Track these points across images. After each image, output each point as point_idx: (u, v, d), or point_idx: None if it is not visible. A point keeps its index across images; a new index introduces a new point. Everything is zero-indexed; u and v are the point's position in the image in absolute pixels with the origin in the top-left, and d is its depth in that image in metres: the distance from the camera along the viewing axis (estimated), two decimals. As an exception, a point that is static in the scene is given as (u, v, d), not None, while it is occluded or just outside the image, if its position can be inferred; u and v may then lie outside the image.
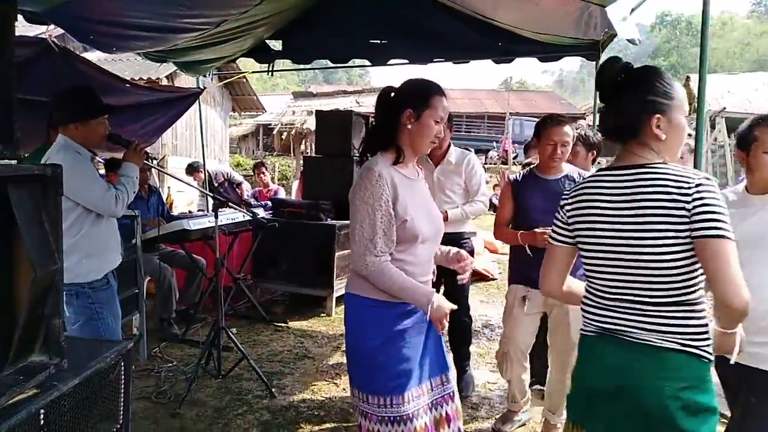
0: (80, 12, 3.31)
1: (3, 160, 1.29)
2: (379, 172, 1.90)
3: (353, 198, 1.95)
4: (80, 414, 1.54)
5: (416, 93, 1.98)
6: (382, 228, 1.89)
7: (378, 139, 2.04)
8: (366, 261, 1.89)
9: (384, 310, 1.95)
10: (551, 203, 2.75)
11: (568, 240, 1.70)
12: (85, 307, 2.52)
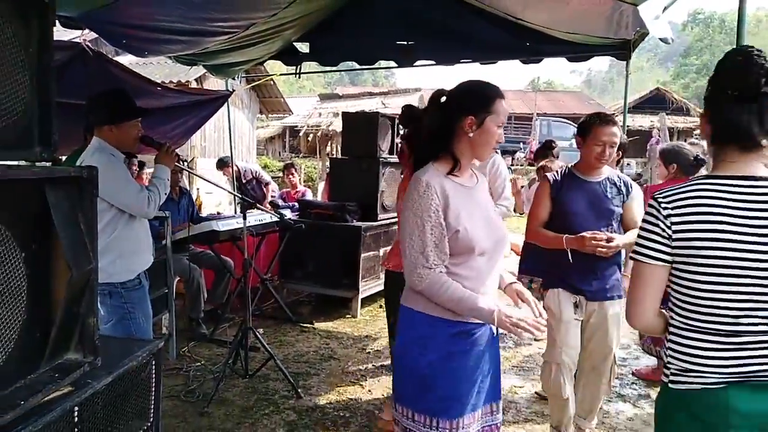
0: (114, 17, 3.39)
1: (41, 162, 1.32)
2: (427, 182, 1.79)
3: (403, 210, 1.87)
4: (113, 411, 1.56)
5: (477, 98, 1.84)
6: (433, 240, 1.78)
7: (431, 147, 1.90)
8: (419, 274, 1.79)
9: (440, 327, 1.83)
10: (594, 207, 2.67)
11: (668, 258, 1.40)
12: (118, 307, 2.57)
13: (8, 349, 1.22)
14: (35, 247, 1.28)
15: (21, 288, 1.22)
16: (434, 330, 1.83)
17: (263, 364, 3.66)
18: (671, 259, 1.40)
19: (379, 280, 5.39)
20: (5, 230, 1.16)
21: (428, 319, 1.84)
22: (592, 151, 2.64)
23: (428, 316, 1.84)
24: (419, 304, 1.86)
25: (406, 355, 1.90)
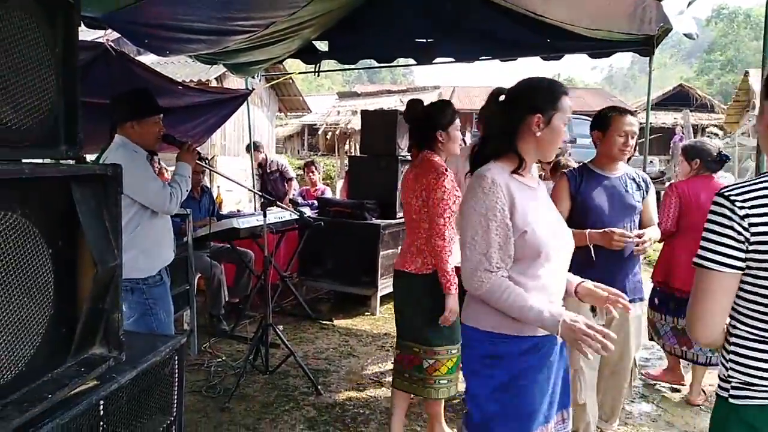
0: (136, 17, 3.43)
1: (67, 160, 1.34)
2: (492, 179, 1.69)
3: (463, 208, 1.77)
4: (137, 406, 1.59)
5: (545, 95, 1.76)
6: (498, 240, 1.68)
7: (493, 146, 1.81)
8: (480, 277, 1.68)
9: (508, 346, 1.72)
10: (616, 202, 2.63)
11: (741, 264, 1.25)
12: (140, 303, 2.61)
13: (36, 344, 1.24)
14: (61, 244, 1.30)
15: (48, 284, 1.25)
16: (503, 348, 1.73)
17: (283, 361, 3.69)
18: (744, 265, 1.25)
19: (398, 277, 5.38)
20: (33, 227, 1.18)
21: (495, 338, 1.73)
22: (615, 143, 2.58)
23: (496, 335, 1.73)
24: (483, 322, 1.76)
25: (475, 378, 1.80)
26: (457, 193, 2.61)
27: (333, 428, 3.06)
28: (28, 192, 1.18)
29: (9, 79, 1.14)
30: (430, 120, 2.69)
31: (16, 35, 1.15)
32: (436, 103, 2.83)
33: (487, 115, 1.86)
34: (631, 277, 2.66)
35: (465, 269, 1.73)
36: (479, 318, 1.76)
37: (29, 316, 1.20)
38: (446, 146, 2.70)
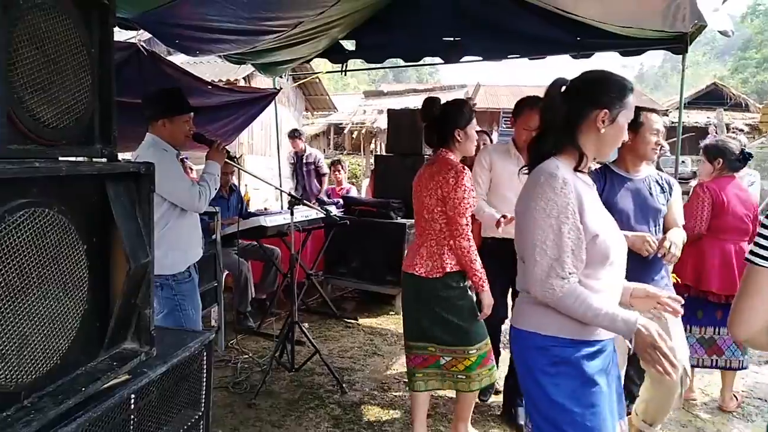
0: (167, 17, 3.48)
1: (102, 158, 1.37)
2: (564, 178, 1.59)
3: (528, 209, 1.63)
4: (166, 400, 1.61)
5: (614, 89, 1.66)
6: (571, 245, 1.57)
7: (553, 141, 1.70)
8: (552, 285, 1.56)
9: (572, 350, 1.62)
10: (641, 205, 2.58)
11: None
12: (169, 299, 2.65)
13: (70, 338, 1.27)
14: (96, 240, 1.33)
15: (83, 279, 1.28)
16: (567, 355, 1.62)
17: (308, 359, 3.71)
18: None
19: (423, 277, 5.37)
20: (69, 224, 1.21)
21: (562, 342, 1.62)
22: (648, 142, 2.54)
23: (558, 339, 1.62)
24: (546, 326, 1.64)
25: (539, 388, 1.66)
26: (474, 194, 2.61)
27: (358, 427, 3.07)
28: (64, 189, 1.21)
29: (47, 80, 1.18)
30: (448, 118, 2.65)
31: (54, 36, 1.18)
32: (455, 101, 2.78)
33: (546, 107, 1.74)
34: (661, 279, 2.60)
35: (534, 275, 1.60)
36: (541, 322, 1.65)
37: (65, 311, 1.23)
38: (463, 145, 2.67)
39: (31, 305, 1.12)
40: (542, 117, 1.77)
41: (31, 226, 1.10)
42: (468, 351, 2.64)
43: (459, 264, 2.60)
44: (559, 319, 1.63)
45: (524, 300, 1.74)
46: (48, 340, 1.19)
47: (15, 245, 1.06)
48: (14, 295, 1.08)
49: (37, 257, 1.12)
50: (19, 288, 1.09)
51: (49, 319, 1.18)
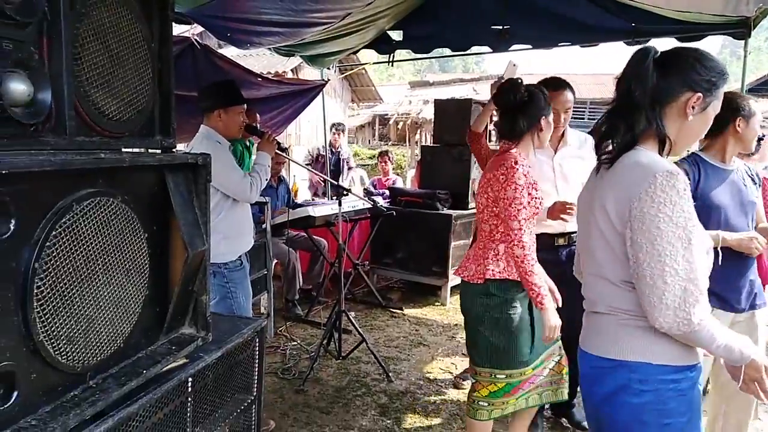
0: (219, 11, 3.56)
1: (162, 149, 1.41)
2: (684, 176, 1.33)
3: (647, 217, 1.32)
4: (221, 384, 1.66)
5: (712, 73, 1.41)
6: (699, 259, 1.32)
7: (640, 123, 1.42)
8: (688, 314, 1.28)
9: (686, 380, 1.40)
10: (738, 199, 2.32)
11: None
12: (221, 286, 2.72)
13: (132, 322, 1.33)
14: (156, 228, 1.38)
15: (144, 266, 1.33)
16: (684, 383, 1.40)
17: (355, 347, 3.76)
18: None
19: (469, 268, 5.34)
20: (131, 212, 1.26)
21: (673, 372, 1.39)
22: (756, 132, 2.29)
23: (672, 368, 1.38)
24: (661, 354, 1.38)
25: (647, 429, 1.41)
26: (537, 193, 2.25)
27: (404, 416, 3.09)
28: (127, 179, 1.26)
29: (111, 74, 1.22)
30: (535, 104, 2.29)
31: (117, 31, 1.22)
32: (537, 85, 2.43)
33: (636, 77, 1.43)
34: (754, 280, 2.39)
35: (663, 302, 1.30)
36: (653, 349, 1.38)
37: (127, 296, 1.28)
38: (544, 135, 2.35)
39: (96, 290, 1.18)
40: (625, 91, 1.45)
41: (97, 214, 1.14)
42: (496, 375, 2.33)
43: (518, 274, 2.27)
44: (668, 342, 1.38)
45: (619, 323, 1.44)
46: (112, 324, 1.24)
47: (82, 233, 1.11)
48: (81, 280, 1.13)
49: (102, 244, 1.17)
50: (86, 274, 1.14)
51: (113, 303, 1.23)
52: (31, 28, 1.03)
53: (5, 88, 0.95)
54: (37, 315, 1.03)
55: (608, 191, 1.44)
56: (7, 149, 0.98)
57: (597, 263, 1.49)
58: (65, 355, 1.12)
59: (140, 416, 1.25)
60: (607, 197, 1.43)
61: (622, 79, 1.47)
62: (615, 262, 1.44)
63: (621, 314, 1.44)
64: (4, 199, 0.95)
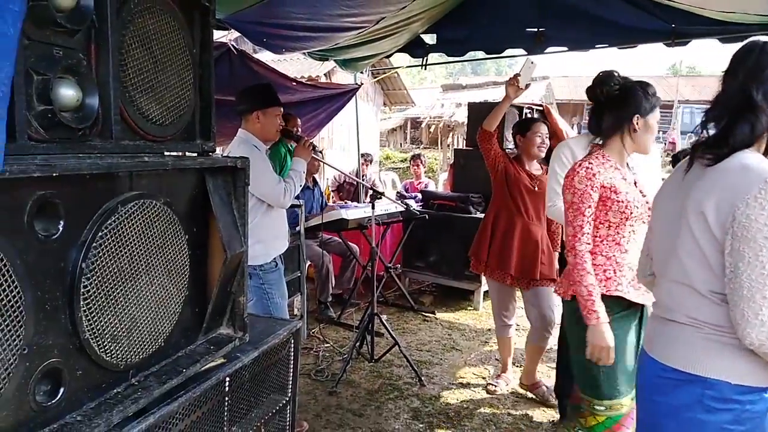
0: (255, 17, 3.61)
1: (202, 153, 1.44)
2: None
3: (754, 224, 1.23)
4: (257, 384, 1.69)
5: None
6: None
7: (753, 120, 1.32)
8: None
9: (761, 395, 1.33)
10: None
11: None
12: (257, 287, 2.76)
13: (173, 322, 1.36)
14: (196, 230, 1.40)
15: (185, 267, 1.36)
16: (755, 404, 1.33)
17: (388, 350, 3.76)
18: None
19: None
20: (173, 214, 1.29)
21: (747, 392, 1.32)
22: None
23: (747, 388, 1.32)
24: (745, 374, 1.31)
25: None
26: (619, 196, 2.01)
27: (437, 420, 3.08)
28: (169, 182, 1.29)
29: (154, 79, 1.25)
30: (628, 100, 2.06)
31: (161, 38, 1.26)
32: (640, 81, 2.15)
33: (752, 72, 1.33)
34: None
35: (758, 318, 1.23)
36: (738, 368, 1.31)
37: (169, 296, 1.31)
38: (640, 138, 2.07)
39: (139, 290, 1.21)
40: (738, 89, 1.35)
41: (140, 216, 1.17)
42: (594, 406, 2.10)
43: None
44: (754, 362, 1.30)
45: (703, 337, 1.35)
46: (154, 324, 1.27)
47: (127, 234, 1.15)
48: (125, 280, 1.16)
49: (145, 245, 1.20)
50: (130, 274, 1.17)
51: (155, 303, 1.26)
52: (79, 35, 1.06)
53: (56, 94, 0.98)
54: (83, 314, 1.07)
55: (709, 194, 1.34)
56: (57, 153, 1.02)
57: (683, 270, 1.40)
58: (109, 353, 1.15)
59: (180, 414, 1.27)
60: (707, 201, 1.33)
61: (733, 76, 1.37)
62: (706, 271, 1.35)
63: (706, 328, 1.35)
64: (54, 200, 0.98)
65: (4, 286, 0.89)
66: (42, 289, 0.99)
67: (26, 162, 0.91)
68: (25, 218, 0.94)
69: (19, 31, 0.81)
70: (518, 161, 3.37)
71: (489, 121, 3.17)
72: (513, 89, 3.06)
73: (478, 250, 3.48)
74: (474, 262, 3.56)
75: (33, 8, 0.92)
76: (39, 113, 0.97)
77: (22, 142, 0.94)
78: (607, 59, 4.03)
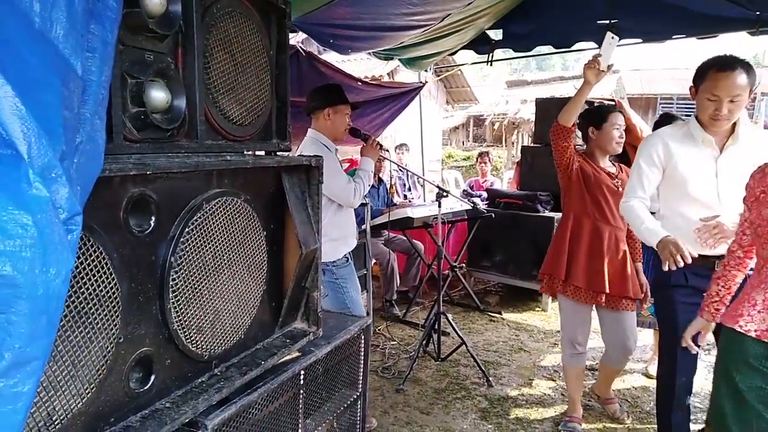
0: (321, 18, 3.68)
1: (278, 152, 1.48)
2: None
3: None
4: (329, 378, 1.72)
5: None
6: None
7: None
8: None
9: None
10: None
11: None
12: (331, 282, 2.81)
13: (252, 315, 1.40)
14: (273, 226, 1.45)
15: (263, 262, 1.40)
16: None
17: (455, 349, 3.73)
18: None
19: (571, 273, 5.15)
20: (253, 211, 1.33)
21: None
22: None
23: None
24: None
25: None
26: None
27: (506, 421, 3.03)
28: (249, 180, 1.34)
29: (235, 81, 1.30)
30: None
31: (241, 41, 1.30)
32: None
33: None
34: None
35: None
36: None
37: (248, 290, 1.35)
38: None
39: (222, 284, 1.25)
40: None
41: (223, 213, 1.22)
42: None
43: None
44: None
45: None
46: (235, 316, 1.32)
47: (211, 230, 1.19)
48: (209, 274, 1.21)
49: (227, 241, 1.25)
50: (213, 268, 1.22)
51: (236, 297, 1.30)
52: (168, 40, 1.12)
53: (148, 96, 1.04)
54: (172, 305, 1.12)
55: None
56: (149, 152, 1.07)
57: None
58: (195, 343, 1.20)
59: (259, 404, 1.32)
60: None
61: None
62: None
63: None
64: (147, 198, 1.03)
65: (104, 278, 0.95)
66: (135, 282, 1.05)
67: (123, 161, 0.96)
68: (121, 214, 1.00)
69: (116, 37, 0.86)
70: (590, 158, 2.92)
71: (566, 114, 2.74)
72: (593, 73, 2.61)
73: (553, 267, 2.92)
74: (547, 283, 3.02)
75: (127, 15, 0.98)
76: (133, 115, 1.03)
77: (118, 143, 1.00)
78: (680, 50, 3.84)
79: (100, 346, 0.97)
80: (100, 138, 0.80)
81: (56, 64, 0.70)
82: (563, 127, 2.75)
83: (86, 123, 0.76)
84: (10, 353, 0.56)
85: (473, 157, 12.61)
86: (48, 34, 0.70)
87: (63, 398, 0.92)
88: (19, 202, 0.56)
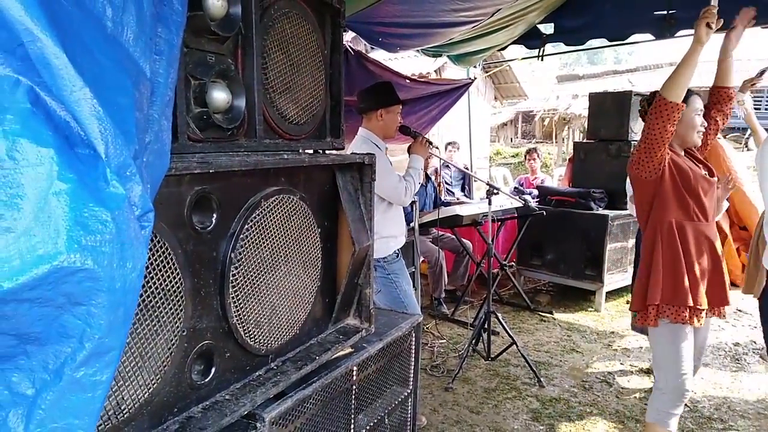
0: (370, 17, 3.69)
1: (332, 150, 1.50)
2: None
3: None
4: (381, 375, 1.73)
5: None
6: None
7: None
8: None
9: None
10: None
11: None
12: (383, 278, 2.83)
13: (306, 311, 1.42)
14: (327, 224, 1.46)
15: (317, 259, 1.42)
16: None
17: (505, 349, 3.69)
18: None
19: (626, 273, 5.00)
20: (308, 209, 1.35)
21: None
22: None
23: None
24: None
25: None
26: None
27: (557, 422, 2.98)
28: (303, 178, 1.36)
29: (291, 81, 1.32)
30: None
31: (297, 41, 1.32)
32: None
33: None
34: None
35: None
36: None
37: (303, 286, 1.38)
38: None
39: (279, 280, 1.28)
40: None
41: (280, 210, 1.25)
42: None
43: None
44: None
45: None
46: (291, 312, 1.34)
47: (269, 227, 1.22)
48: (267, 270, 1.24)
49: (284, 238, 1.27)
50: (271, 264, 1.25)
51: (292, 293, 1.33)
52: (228, 41, 1.15)
53: (210, 97, 1.07)
54: (232, 300, 1.15)
55: None
56: (212, 151, 1.10)
57: None
58: (253, 337, 1.23)
59: (313, 399, 1.34)
60: None
61: None
62: None
63: None
64: (210, 195, 1.07)
65: (169, 273, 0.99)
66: (198, 277, 1.08)
67: (187, 160, 0.99)
68: (185, 211, 1.03)
69: (181, 39, 0.89)
70: (672, 151, 2.27)
71: (673, 86, 2.09)
72: (705, 31, 2.10)
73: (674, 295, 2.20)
74: (642, 314, 2.28)
75: (191, 18, 1.01)
76: (196, 115, 1.06)
77: (182, 142, 1.03)
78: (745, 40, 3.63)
79: (165, 338, 1.01)
80: (167, 137, 0.83)
81: (128, 66, 0.73)
82: (672, 104, 2.08)
83: (154, 123, 0.79)
84: (91, 343, 0.59)
85: (521, 154, 12.40)
86: (120, 37, 0.73)
87: (131, 388, 0.96)
88: (98, 200, 0.58)
